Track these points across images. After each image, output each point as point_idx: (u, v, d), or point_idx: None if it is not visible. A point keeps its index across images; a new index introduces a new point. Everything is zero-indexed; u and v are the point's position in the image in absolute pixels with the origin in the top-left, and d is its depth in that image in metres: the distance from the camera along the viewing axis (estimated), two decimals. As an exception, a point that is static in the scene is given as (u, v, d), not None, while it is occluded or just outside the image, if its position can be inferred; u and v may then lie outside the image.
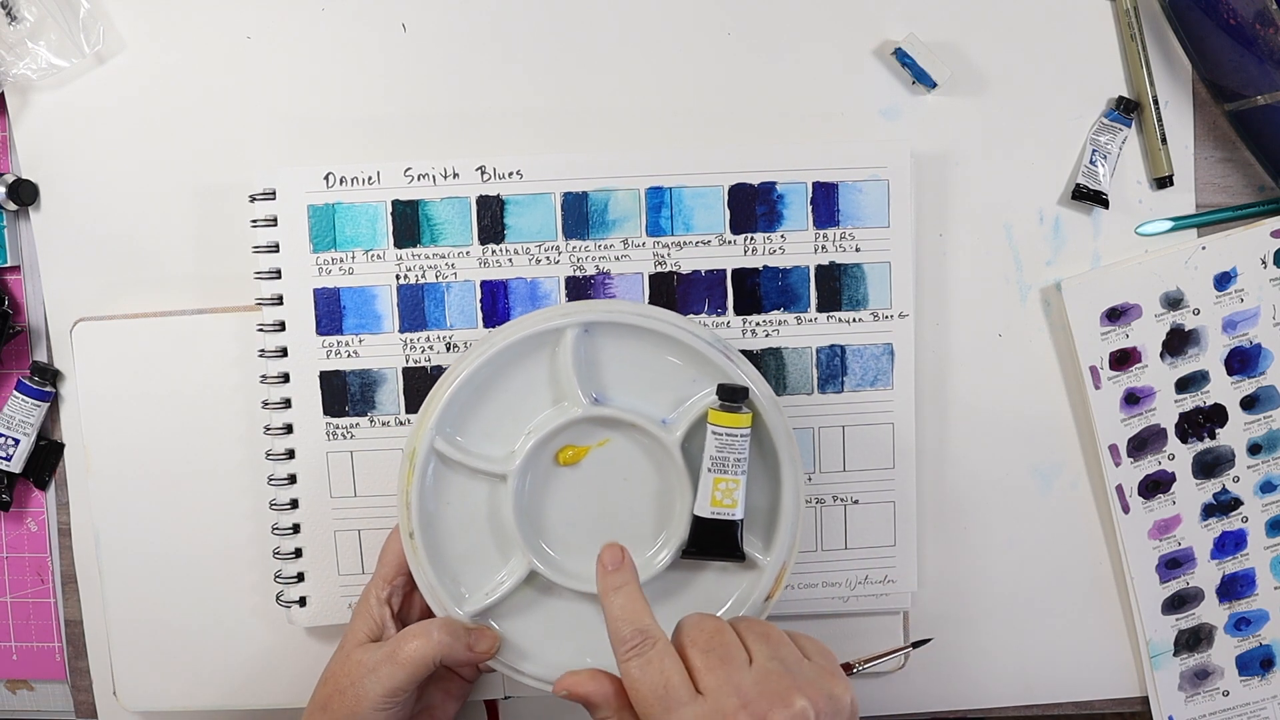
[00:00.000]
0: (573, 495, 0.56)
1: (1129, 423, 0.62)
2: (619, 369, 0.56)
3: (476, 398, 0.55)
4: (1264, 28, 0.56)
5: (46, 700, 0.65)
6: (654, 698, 0.45)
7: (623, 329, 0.55)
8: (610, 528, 0.56)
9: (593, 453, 0.56)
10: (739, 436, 0.53)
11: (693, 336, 0.55)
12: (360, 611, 0.56)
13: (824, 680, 0.46)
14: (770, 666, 0.45)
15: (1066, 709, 0.65)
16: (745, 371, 0.55)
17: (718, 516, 0.54)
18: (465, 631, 0.54)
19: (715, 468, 0.54)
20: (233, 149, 0.61)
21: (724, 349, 0.55)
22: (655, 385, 0.56)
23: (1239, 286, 0.61)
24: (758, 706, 0.44)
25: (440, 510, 0.56)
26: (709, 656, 0.46)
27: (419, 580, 0.55)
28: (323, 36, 0.60)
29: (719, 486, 0.54)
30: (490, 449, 0.56)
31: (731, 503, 0.54)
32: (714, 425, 0.53)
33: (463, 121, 0.61)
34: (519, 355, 0.55)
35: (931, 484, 0.62)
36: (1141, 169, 0.62)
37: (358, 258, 0.59)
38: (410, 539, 0.55)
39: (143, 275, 0.61)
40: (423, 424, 0.54)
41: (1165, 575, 0.63)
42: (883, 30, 0.61)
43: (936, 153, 0.61)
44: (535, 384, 0.56)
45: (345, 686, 0.53)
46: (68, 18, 0.59)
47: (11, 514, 0.64)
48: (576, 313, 0.55)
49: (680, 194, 0.59)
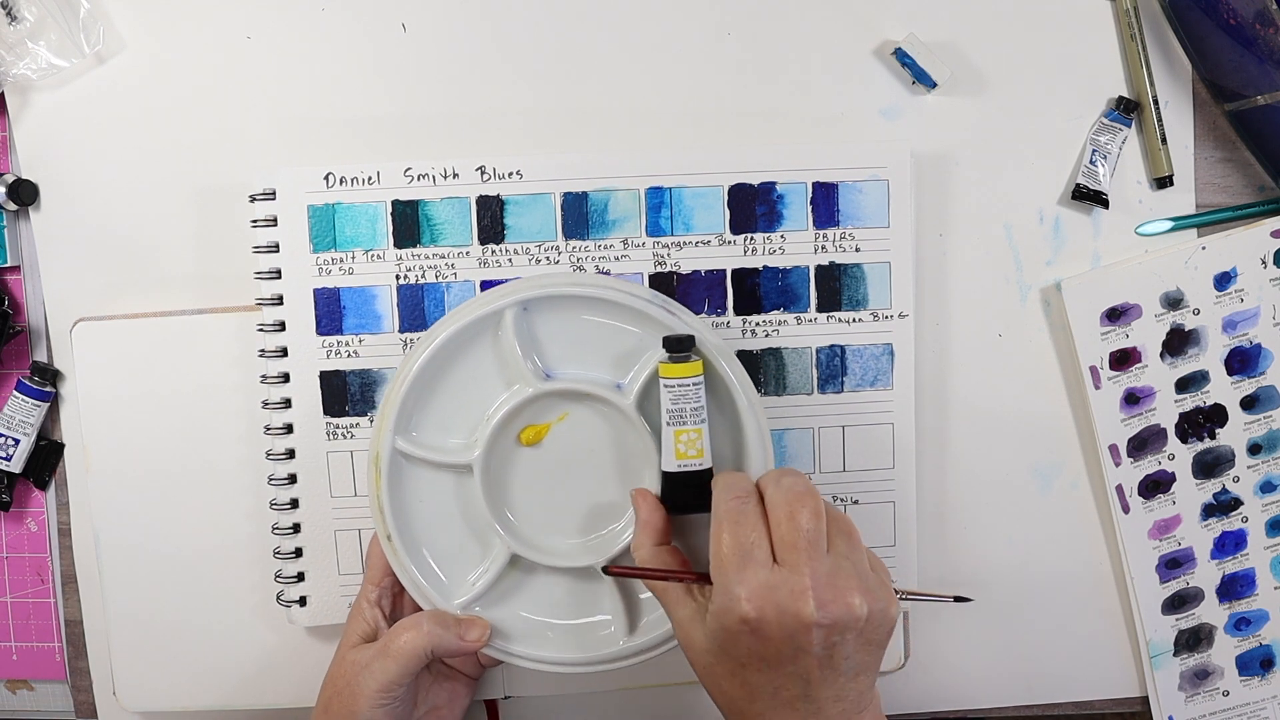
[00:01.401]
0: (541, 474, 0.57)
1: (1129, 423, 0.62)
2: (565, 342, 0.56)
3: (430, 393, 0.56)
4: (1264, 28, 0.56)
5: (46, 700, 0.65)
6: (736, 551, 0.47)
7: (561, 300, 0.55)
8: (583, 500, 0.57)
9: (554, 429, 0.57)
10: (691, 385, 0.53)
11: (631, 296, 0.55)
12: (353, 616, 0.57)
13: (881, 591, 0.48)
14: (843, 564, 0.47)
15: (1066, 709, 0.65)
16: (689, 322, 0.55)
17: (685, 469, 0.53)
18: (455, 622, 0.55)
19: (673, 420, 0.53)
20: (233, 149, 0.61)
21: (664, 304, 0.55)
22: (604, 352, 0.56)
23: (1239, 286, 0.61)
24: (822, 593, 0.46)
25: (414, 509, 0.57)
26: (801, 535, 0.47)
27: (404, 580, 0.56)
28: (322, 36, 0.60)
29: (681, 438, 0.53)
30: (451, 441, 0.57)
31: (696, 453, 0.53)
32: (665, 378, 0.53)
33: (463, 121, 0.61)
34: (463, 345, 0.56)
35: (931, 484, 0.62)
36: (1141, 169, 0.62)
37: (358, 258, 0.59)
38: (389, 542, 0.56)
39: (143, 275, 0.61)
40: (381, 427, 0.55)
41: (1165, 575, 0.63)
42: (883, 30, 0.61)
43: (936, 153, 0.61)
44: (485, 371, 0.56)
45: (342, 687, 0.54)
46: (68, 18, 0.59)
47: (11, 514, 0.64)
48: (512, 292, 0.55)
49: (680, 194, 0.59)
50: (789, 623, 0.46)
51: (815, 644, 0.46)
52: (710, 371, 0.55)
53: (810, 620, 0.45)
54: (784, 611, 0.46)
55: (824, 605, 0.46)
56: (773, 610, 0.46)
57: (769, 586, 0.46)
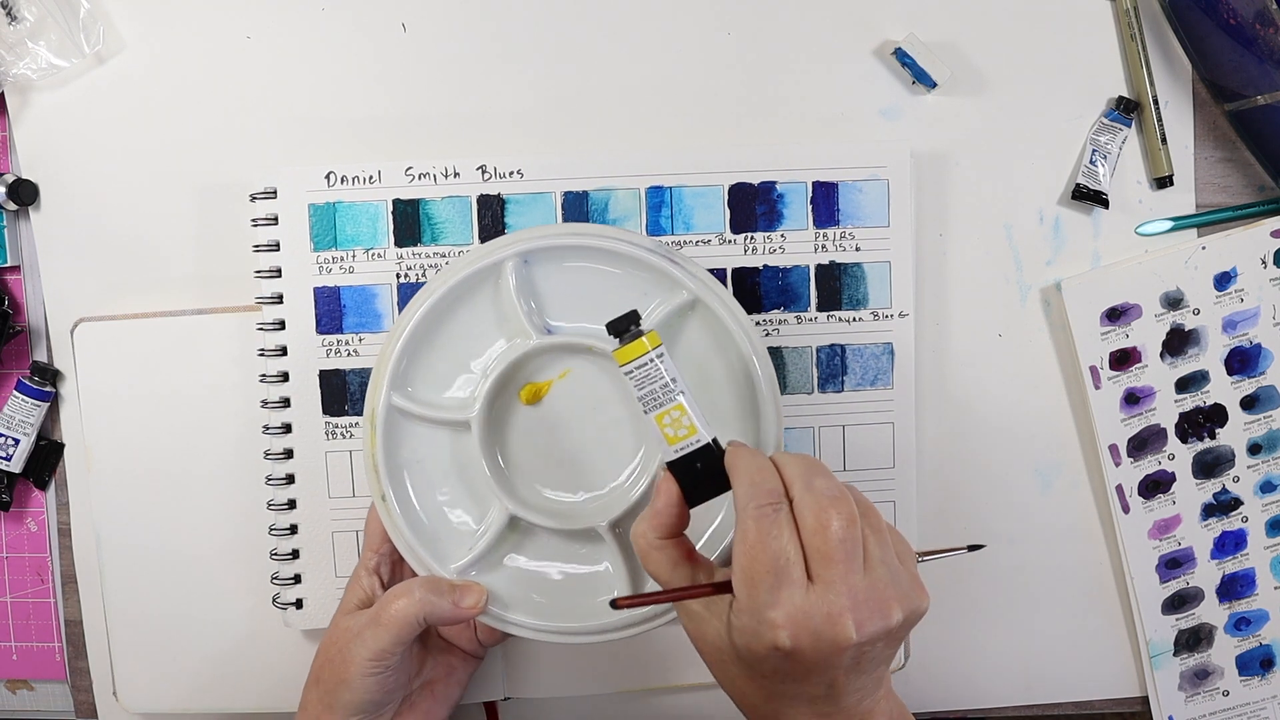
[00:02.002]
0: (543, 434, 0.56)
1: (1129, 423, 0.62)
2: (566, 295, 0.55)
3: (427, 349, 0.55)
4: (1264, 28, 0.56)
5: (46, 700, 0.65)
6: (768, 568, 0.43)
7: (562, 252, 0.54)
8: (585, 459, 0.56)
9: (556, 386, 0.55)
10: (651, 362, 0.48)
11: (631, 246, 0.54)
12: (351, 583, 0.56)
13: (915, 591, 0.45)
14: (880, 573, 0.44)
15: (1066, 709, 0.65)
16: (691, 270, 0.54)
17: (685, 451, 0.48)
18: (450, 588, 0.53)
19: (649, 406, 0.49)
20: (233, 148, 0.61)
21: (665, 252, 0.54)
22: (605, 305, 0.54)
23: (1239, 286, 0.61)
24: (861, 613, 0.43)
25: (411, 470, 0.55)
26: (837, 547, 0.43)
27: (398, 543, 0.55)
28: (323, 37, 0.60)
29: (664, 422, 0.48)
30: (449, 398, 0.55)
31: (688, 429, 0.48)
32: (623, 366, 0.49)
33: (463, 121, 0.61)
34: (461, 298, 0.54)
35: (931, 484, 0.62)
36: (1141, 169, 0.62)
37: (358, 256, 0.59)
38: (383, 502, 0.54)
39: (143, 275, 0.61)
40: (376, 384, 0.54)
41: (1165, 575, 0.63)
42: (883, 30, 0.61)
43: (936, 153, 0.61)
44: (484, 325, 0.55)
45: (334, 655, 0.52)
46: (68, 18, 0.59)
47: (11, 514, 0.64)
48: (511, 244, 0.54)
49: (680, 193, 0.59)
50: (825, 648, 0.43)
51: (847, 659, 0.43)
52: (713, 321, 0.53)
53: (849, 643, 0.43)
54: (821, 638, 0.42)
55: (863, 625, 0.43)
56: (809, 638, 0.42)
57: (805, 613, 0.42)
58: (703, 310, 0.55)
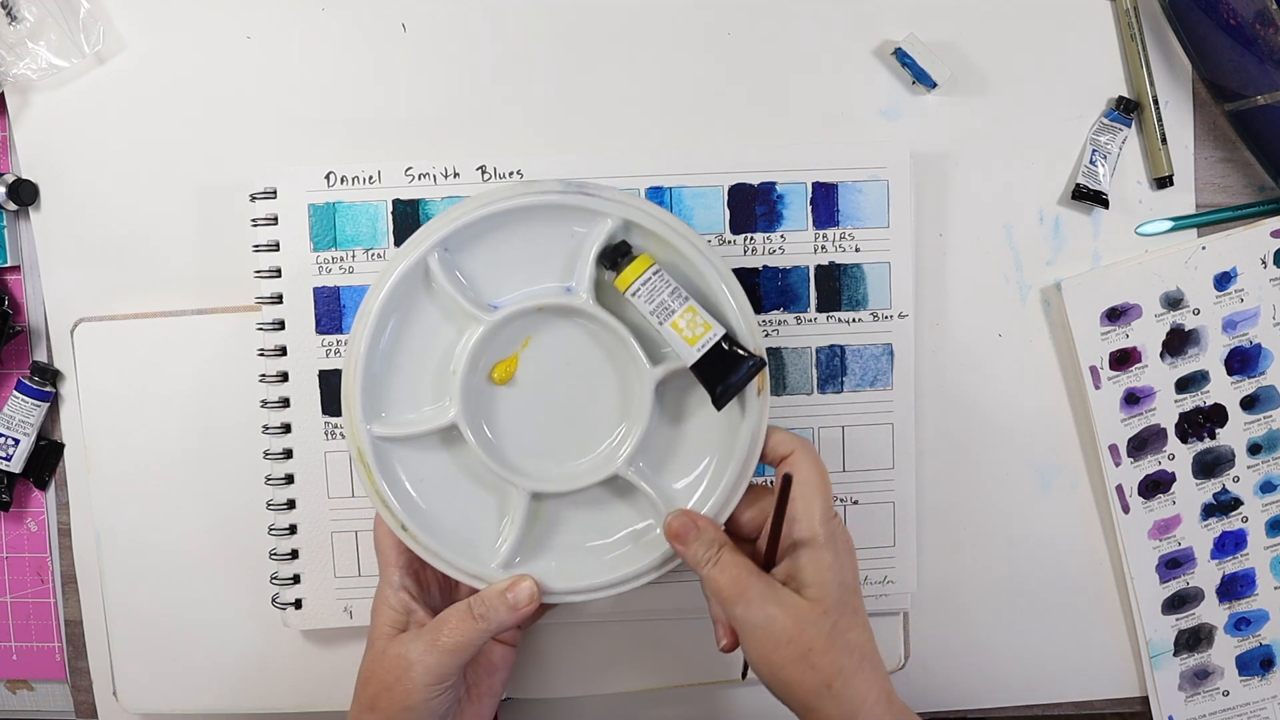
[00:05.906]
0: (530, 405, 0.55)
1: (1129, 423, 0.62)
2: (499, 267, 0.54)
3: (388, 371, 0.54)
4: (1264, 28, 0.56)
5: (46, 700, 0.65)
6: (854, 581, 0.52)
7: (476, 226, 0.53)
8: (582, 415, 0.55)
9: (523, 358, 0.55)
10: (652, 278, 0.52)
11: (540, 195, 0.53)
12: (379, 606, 0.55)
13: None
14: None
15: (1066, 709, 0.65)
16: (607, 196, 0.53)
17: (706, 348, 0.52)
18: (499, 597, 0.53)
19: (663, 317, 0.52)
20: (233, 148, 0.61)
21: (578, 188, 0.53)
22: (541, 262, 0.54)
23: (1239, 286, 0.61)
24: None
25: (419, 491, 0.55)
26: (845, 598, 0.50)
27: (435, 564, 0.54)
28: (323, 36, 0.60)
29: (681, 325, 0.51)
30: (427, 410, 0.55)
31: (704, 327, 0.52)
32: (627, 290, 0.52)
33: (463, 121, 0.61)
34: (399, 307, 0.54)
35: (931, 484, 0.62)
36: (1141, 169, 0.62)
37: (358, 257, 0.59)
38: (404, 532, 0.54)
39: (143, 275, 0.61)
40: (351, 421, 0.53)
41: (1165, 575, 0.63)
42: (883, 30, 0.61)
43: (936, 153, 0.61)
44: (432, 326, 0.54)
45: (391, 683, 0.52)
46: (68, 18, 0.59)
47: (11, 514, 0.64)
48: (426, 236, 0.53)
49: (680, 194, 0.59)
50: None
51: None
52: (652, 238, 0.53)
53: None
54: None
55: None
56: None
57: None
58: (639, 231, 0.54)
